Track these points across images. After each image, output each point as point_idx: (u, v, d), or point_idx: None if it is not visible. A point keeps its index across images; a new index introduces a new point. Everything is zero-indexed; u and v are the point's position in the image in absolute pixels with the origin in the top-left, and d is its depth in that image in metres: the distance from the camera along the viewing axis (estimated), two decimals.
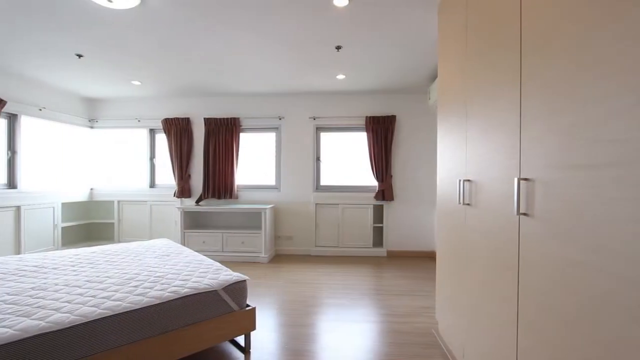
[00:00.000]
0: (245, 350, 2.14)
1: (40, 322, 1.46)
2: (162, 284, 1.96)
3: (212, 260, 2.51)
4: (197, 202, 4.99)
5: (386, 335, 2.36)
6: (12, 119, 4.20)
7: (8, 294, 1.76)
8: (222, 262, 4.43)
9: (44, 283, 1.95)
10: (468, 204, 1.68)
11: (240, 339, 2.26)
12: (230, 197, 4.98)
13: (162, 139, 5.37)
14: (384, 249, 4.88)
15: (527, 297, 1.11)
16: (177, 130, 5.08)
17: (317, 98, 5.04)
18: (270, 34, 2.93)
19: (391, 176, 4.87)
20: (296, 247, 5.02)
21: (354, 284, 3.54)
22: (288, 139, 5.08)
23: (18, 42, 3.13)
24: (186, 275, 2.13)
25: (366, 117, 4.85)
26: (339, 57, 3.49)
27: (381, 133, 4.81)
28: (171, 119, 5.08)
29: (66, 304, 1.65)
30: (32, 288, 1.85)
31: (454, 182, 1.93)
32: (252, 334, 2.30)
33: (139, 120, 5.27)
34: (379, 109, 4.95)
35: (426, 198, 4.90)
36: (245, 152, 5.21)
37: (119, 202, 5.31)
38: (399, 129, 4.93)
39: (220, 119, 5.01)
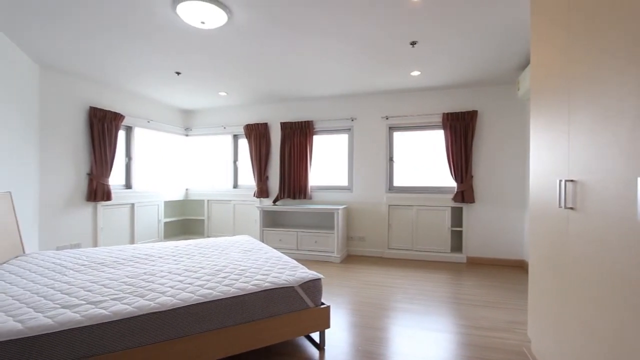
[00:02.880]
0: (320, 347, 2.19)
1: (151, 302, 1.71)
2: (246, 276, 2.13)
3: (288, 258, 2.64)
4: (274, 202, 5.30)
5: (467, 349, 2.19)
6: (128, 130, 5.02)
7: (127, 276, 2.11)
8: (296, 260, 4.63)
9: (153, 269, 2.28)
10: (571, 208, 1.46)
11: (315, 336, 2.33)
12: (305, 197, 5.17)
13: (243, 144, 5.86)
14: (464, 255, 4.53)
15: None
16: (257, 135, 5.47)
17: (389, 97, 4.93)
18: (344, 35, 2.97)
19: (472, 176, 4.50)
20: (368, 248, 4.97)
21: (429, 290, 3.36)
22: (360, 139, 5.07)
23: (131, 65, 3.73)
24: (266, 270, 2.28)
25: (443, 113, 4.57)
26: (414, 53, 3.36)
27: (460, 130, 4.48)
28: (251, 124, 5.50)
29: (169, 288, 1.90)
30: (145, 273, 2.18)
31: (552, 182, 1.69)
32: (326, 331, 2.35)
33: (224, 127, 5.83)
34: (458, 105, 4.62)
35: (513, 200, 4.40)
36: (318, 154, 5.36)
37: (208, 201, 5.94)
38: (480, 125, 4.53)
39: (295, 122, 5.24)
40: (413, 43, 3.09)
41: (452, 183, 4.66)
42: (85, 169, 4.26)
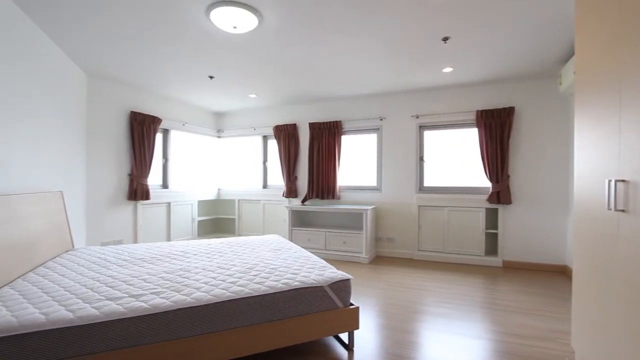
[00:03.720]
0: (349, 347, 2.18)
1: (187, 297, 1.78)
2: (276, 275, 2.17)
3: (317, 257, 2.65)
4: (303, 201, 5.35)
5: (503, 357, 2.08)
6: (165, 133, 5.27)
7: (165, 272, 2.21)
8: (324, 260, 4.64)
9: (188, 265, 2.38)
10: (622, 210, 1.35)
11: (344, 336, 2.32)
12: (333, 197, 5.18)
13: (273, 144, 5.96)
14: (499, 259, 4.32)
15: None
16: (286, 136, 5.55)
17: (420, 95, 4.81)
18: (373, 33, 2.93)
19: (509, 176, 4.29)
20: (398, 249, 4.88)
21: (462, 294, 3.24)
22: (389, 139, 4.99)
23: (166, 70, 3.91)
24: (296, 269, 2.31)
25: (477, 111, 4.39)
26: (446, 49, 3.25)
27: (496, 128, 4.28)
28: (281, 125, 5.59)
29: (203, 284, 1.98)
30: (180, 269, 2.28)
31: (600, 182, 1.58)
32: (355, 332, 2.33)
33: (254, 129, 5.96)
34: (493, 101, 4.42)
35: (555, 201, 4.14)
36: (346, 154, 5.35)
37: (239, 200, 6.11)
38: (518, 121, 4.31)
39: (323, 122, 5.26)
40: (445, 39, 2.99)
41: (486, 183, 4.47)
42: (126, 170, 4.53)
